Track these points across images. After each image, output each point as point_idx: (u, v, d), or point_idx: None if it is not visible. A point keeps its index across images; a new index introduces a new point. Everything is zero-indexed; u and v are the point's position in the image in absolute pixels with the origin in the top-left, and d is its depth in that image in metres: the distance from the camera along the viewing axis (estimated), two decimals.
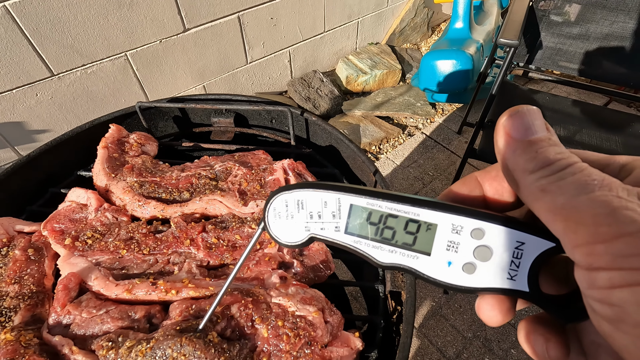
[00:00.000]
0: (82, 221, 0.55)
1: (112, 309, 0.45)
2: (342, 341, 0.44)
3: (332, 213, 0.27)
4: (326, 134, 0.69)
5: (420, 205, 0.24)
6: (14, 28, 1.54)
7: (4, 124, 1.75)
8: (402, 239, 0.25)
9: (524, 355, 1.57)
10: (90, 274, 0.48)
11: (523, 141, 0.20)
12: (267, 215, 0.29)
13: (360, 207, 0.26)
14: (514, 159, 0.20)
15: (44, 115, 1.82)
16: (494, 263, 0.22)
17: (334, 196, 0.27)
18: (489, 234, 0.22)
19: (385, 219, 0.25)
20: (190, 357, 0.39)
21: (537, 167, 0.19)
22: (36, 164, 0.64)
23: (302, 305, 0.44)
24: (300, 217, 0.28)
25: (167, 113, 0.76)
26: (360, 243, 0.26)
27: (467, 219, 0.23)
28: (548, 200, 0.18)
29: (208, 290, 0.46)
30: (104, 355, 0.40)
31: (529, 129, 0.20)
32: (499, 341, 1.62)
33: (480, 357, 1.58)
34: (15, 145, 1.84)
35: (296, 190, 0.28)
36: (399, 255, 0.25)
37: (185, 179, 0.59)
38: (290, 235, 0.29)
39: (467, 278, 0.23)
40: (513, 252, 0.22)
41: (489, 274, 0.23)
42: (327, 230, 0.27)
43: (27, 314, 0.47)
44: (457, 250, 0.23)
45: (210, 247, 0.52)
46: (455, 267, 0.23)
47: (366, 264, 0.61)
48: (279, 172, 0.59)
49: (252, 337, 0.43)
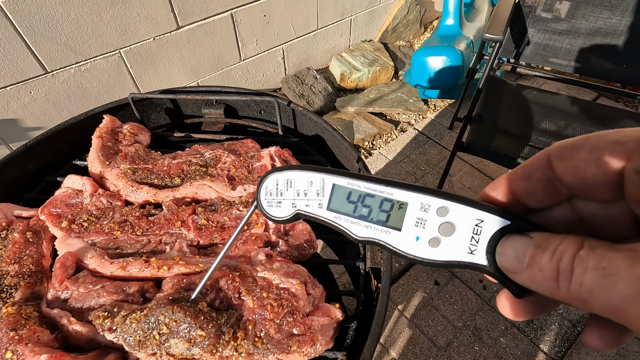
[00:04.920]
0: (78, 206, 0.58)
1: (108, 285, 0.48)
2: (323, 312, 0.47)
3: (317, 191, 0.30)
4: (312, 123, 0.73)
5: (394, 186, 0.27)
6: (7, 25, 1.55)
7: None
8: (377, 216, 0.28)
9: (513, 343, 1.62)
10: (86, 253, 0.51)
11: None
12: (259, 192, 0.32)
13: (342, 186, 0.29)
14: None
15: (38, 112, 1.83)
16: (456, 238, 0.25)
17: (319, 176, 0.30)
18: (452, 211, 0.25)
19: (363, 198, 0.28)
20: (181, 323, 0.42)
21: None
22: (32, 153, 0.67)
23: (286, 278, 0.47)
24: (288, 194, 0.31)
25: (159, 105, 0.79)
26: (339, 219, 0.29)
27: (434, 198, 0.25)
28: None
29: (198, 267, 0.49)
30: (101, 324, 0.43)
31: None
32: (488, 330, 1.67)
33: (470, 345, 1.62)
34: (9, 142, 1.85)
35: (286, 170, 0.31)
36: (374, 231, 0.28)
37: (177, 166, 0.62)
38: (279, 211, 0.32)
39: (432, 252, 0.25)
40: (473, 229, 0.24)
41: (452, 248, 0.25)
42: (311, 207, 0.30)
43: (27, 291, 0.50)
44: (424, 227, 0.26)
45: (200, 228, 0.55)
46: (422, 242, 0.26)
47: (349, 245, 0.65)
48: (266, 158, 0.62)
49: (239, 307, 0.46)
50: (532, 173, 0.22)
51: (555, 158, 0.20)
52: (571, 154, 0.20)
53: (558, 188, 0.21)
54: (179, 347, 0.42)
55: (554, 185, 0.21)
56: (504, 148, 1.41)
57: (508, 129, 1.50)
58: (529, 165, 0.22)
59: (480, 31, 2.28)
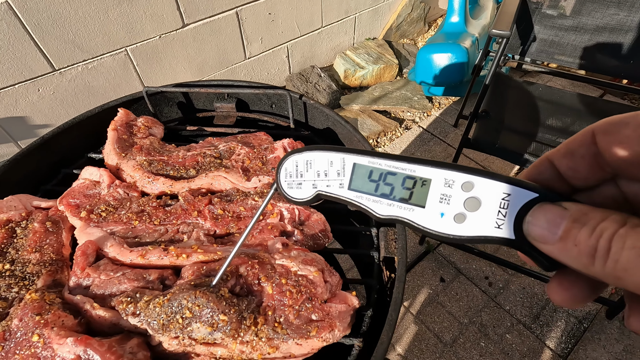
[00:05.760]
0: (96, 197, 0.59)
1: (128, 272, 0.49)
2: (340, 299, 0.48)
3: (337, 171, 0.30)
4: (324, 116, 0.73)
5: (416, 163, 0.27)
6: (16, 23, 1.57)
7: (7, 119, 1.77)
8: (399, 193, 0.27)
9: (519, 340, 1.62)
10: (106, 242, 0.52)
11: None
12: (279, 175, 0.33)
13: (363, 165, 0.29)
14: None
15: (46, 110, 1.85)
16: (483, 213, 0.24)
17: (339, 156, 0.30)
18: (478, 186, 0.24)
19: (384, 176, 0.28)
20: (204, 307, 0.43)
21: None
22: (49, 146, 0.68)
23: (304, 265, 0.48)
24: (308, 175, 0.32)
25: (172, 99, 0.80)
26: (361, 198, 0.29)
27: (458, 173, 0.25)
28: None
29: (216, 255, 0.50)
30: (124, 309, 0.44)
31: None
32: (494, 326, 1.67)
33: (476, 342, 1.63)
34: (18, 139, 1.86)
35: (306, 151, 0.31)
36: (397, 209, 0.27)
37: (192, 158, 0.63)
38: (299, 192, 0.32)
39: (457, 227, 0.25)
40: (500, 203, 0.23)
41: (478, 223, 0.24)
42: (332, 187, 0.31)
43: (48, 279, 0.51)
44: (449, 202, 0.25)
45: (217, 218, 0.56)
46: (447, 218, 0.25)
47: (361, 237, 0.65)
48: (279, 150, 0.63)
49: (259, 293, 0.47)
50: (576, 150, 0.21)
51: (600, 133, 0.20)
52: (616, 129, 0.19)
53: (602, 166, 0.21)
54: (201, 332, 0.43)
55: (598, 162, 0.21)
56: (511, 144, 1.41)
57: (514, 125, 1.50)
58: (572, 142, 0.22)
59: (485, 28, 2.27)
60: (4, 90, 1.69)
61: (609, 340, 1.60)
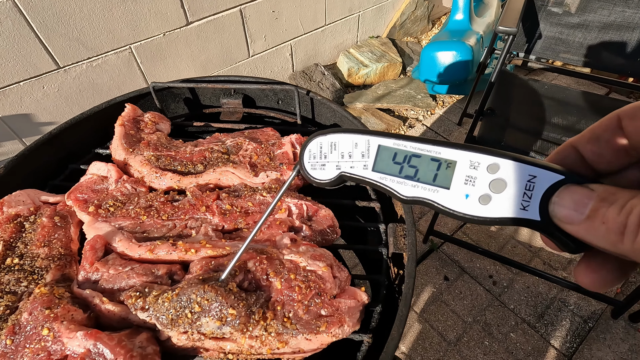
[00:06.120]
0: (104, 191, 0.59)
1: (137, 267, 0.49)
2: (349, 294, 0.48)
3: (362, 153, 0.30)
4: (330, 112, 0.73)
5: (441, 145, 0.27)
6: (21, 21, 1.57)
7: (12, 117, 1.78)
8: (424, 175, 0.27)
9: (523, 339, 1.61)
10: (115, 237, 0.52)
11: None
12: (302, 156, 0.32)
13: (388, 147, 0.29)
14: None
15: (50, 107, 1.85)
16: (508, 194, 0.24)
17: (364, 138, 0.30)
18: (503, 168, 0.24)
19: (409, 158, 0.28)
20: (213, 302, 0.42)
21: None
22: (56, 142, 0.68)
23: (312, 261, 0.48)
24: (332, 157, 0.31)
25: (178, 95, 0.80)
26: (385, 179, 0.29)
27: (484, 155, 0.25)
28: None
29: (225, 250, 0.50)
30: (133, 304, 0.44)
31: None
32: (498, 325, 1.66)
33: (480, 340, 1.62)
34: (22, 137, 1.87)
35: (331, 134, 0.31)
36: (421, 190, 0.27)
37: (199, 153, 0.63)
38: (323, 174, 0.32)
39: (482, 209, 0.25)
40: (525, 185, 0.23)
41: (503, 205, 0.24)
42: (356, 169, 0.30)
43: (57, 273, 0.51)
44: (474, 184, 0.25)
45: (225, 213, 0.55)
46: (472, 199, 0.25)
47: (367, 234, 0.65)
48: (287, 145, 0.63)
49: (267, 288, 0.47)
50: (601, 134, 0.22)
51: (626, 117, 0.20)
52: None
53: (628, 150, 0.21)
54: (210, 326, 0.43)
55: (624, 147, 0.21)
56: (516, 142, 1.40)
57: (520, 123, 1.49)
58: (597, 127, 0.22)
59: (489, 26, 2.26)
60: (9, 88, 1.70)
61: (614, 339, 1.59)
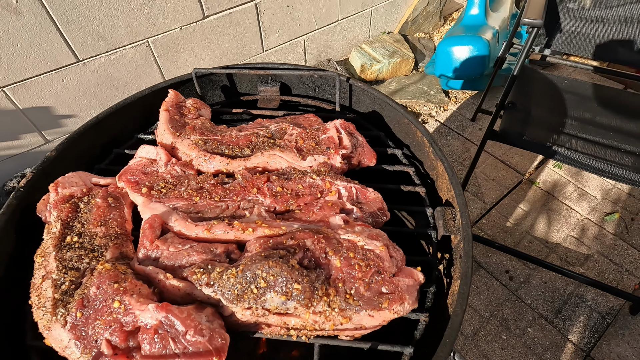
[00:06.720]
0: (154, 174, 0.60)
1: (195, 245, 0.50)
2: (407, 273, 0.48)
3: None
4: (370, 99, 0.73)
5: None
6: (43, 13, 1.58)
7: (33, 109, 1.80)
8: None
9: (541, 334, 1.61)
10: (170, 217, 0.53)
11: None
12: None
13: None
14: None
15: (69, 100, 1.87)
16: None
17: None
18: None
19: None
20: (278, 277, 0.43)
21: None
22: (102, 126, 0.69)
23: (370, 240, 0.48)
24: None
25: (216, 82, 0.80)
26: None
27: None
28: None
29: (280, 230, 0.51)
30: (198, 279, 0.45)
31: None
32: (515, 320, 1.66)
33: (497, 335, 1.62)
34: (42, 130, 1.89)
35: None
36: None
37: (245, 137, 0.64)
38: None
39: None
40: None
41: None
42: None
43: (116, 251, 0.52)
44: None
45: (276, 195, 0.56)
46: None
47: (417, 216, 0.65)
48: (332, 130, 0.63)
49: (327, 266, 0.47)
50: None
51: None
52: None
53: None
54: (274, 301, 0.44)
55: None
56: (539, 136, 1.39)
57: (540, 117, 1.49)
58: None
59: (504, 21, 2.25)
60: (29, 80, 1.71)
61: (633, 335, 1.59)
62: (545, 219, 1.96)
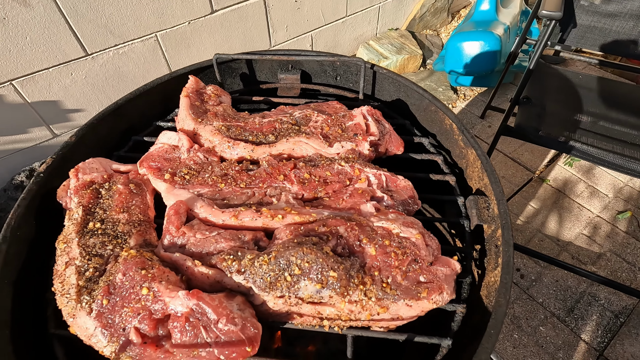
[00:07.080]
0: (176, 160, 0.58)
1: (223, 232, 0.48)
2: (443, 262, 0.46)
3: None
4: (395, 86, 0.71)
5: None
6: (52, 6, 1.57)
7: (41, 102, 1.78)
8: None
9: (553, 332, 1.59)
10: (196, 203, 0.51)
11: None
12: None
13: None
14: None
15: (77, 94, 1.85)
16: None
17: None
18: None
19: None
20: (313, 264, 0.41)
21: None
22: (120, 113, 0.67)
23: (405, 227, 0.46)
24: None
25: (235, 70, 0.78)
26: None
27: None
28: None
29: (311, 217, 0.49)
30: (228, 266, 0.43)
31: None
32: (527, 319, 1.64)
33: (508, 333, 1.60)
34: (50, 124, 1.87)
35: None
36: None
37: (269, 124, 0.62)
38: None
39: None
40: None
41: None
42: None
43: (139, 238, 0.50)
44: None
45: (304, 182, 0.54)
46: None
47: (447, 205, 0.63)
48: (358, 117, 0.61)
49: (361, 254, 0.45)
50: None
51: None
52: None
53: None
54: (309, 289, 0.42)
55: None
56: (554, 131, 1.37)
57: (555, 111, 1.46)
58: None
59: (515, 17, 2.22)
60: (38, 74, 1.70)
61: None
62: (556, 217, 1.93)
